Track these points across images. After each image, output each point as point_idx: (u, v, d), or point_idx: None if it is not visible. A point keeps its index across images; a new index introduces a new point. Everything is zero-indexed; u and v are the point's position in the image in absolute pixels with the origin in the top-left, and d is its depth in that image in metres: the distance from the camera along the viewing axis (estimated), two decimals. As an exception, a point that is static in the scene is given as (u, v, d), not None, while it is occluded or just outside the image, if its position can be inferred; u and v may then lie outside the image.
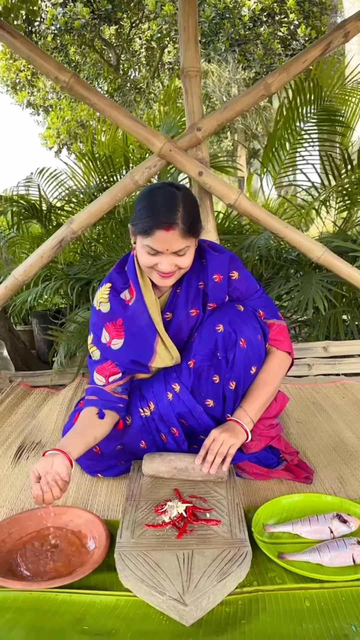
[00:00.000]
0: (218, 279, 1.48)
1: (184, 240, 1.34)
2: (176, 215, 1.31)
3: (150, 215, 1.32)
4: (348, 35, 2.15)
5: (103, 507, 1.47)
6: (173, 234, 1.31)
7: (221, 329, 1.45)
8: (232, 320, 1.45)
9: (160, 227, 1.31)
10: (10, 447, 1.88)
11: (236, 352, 1.45)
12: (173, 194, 1.34)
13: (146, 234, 1.33)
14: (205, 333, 1.47)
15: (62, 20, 8.14)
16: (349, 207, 3.18)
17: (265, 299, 1.57)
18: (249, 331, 1.45)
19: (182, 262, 1.38)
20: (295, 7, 8.00)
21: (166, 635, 1.01)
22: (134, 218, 1.38)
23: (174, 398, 1.52)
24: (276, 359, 1.52)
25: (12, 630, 1.02)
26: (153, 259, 1.36)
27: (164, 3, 7.89)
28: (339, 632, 1.00)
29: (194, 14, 2.26)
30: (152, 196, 1.35)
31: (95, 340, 1.53)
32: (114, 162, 3.23)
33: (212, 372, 1.48)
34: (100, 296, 1.53)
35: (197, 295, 1.50)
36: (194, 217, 1.36)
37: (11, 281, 2.35)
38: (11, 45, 2.15)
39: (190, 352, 1.50)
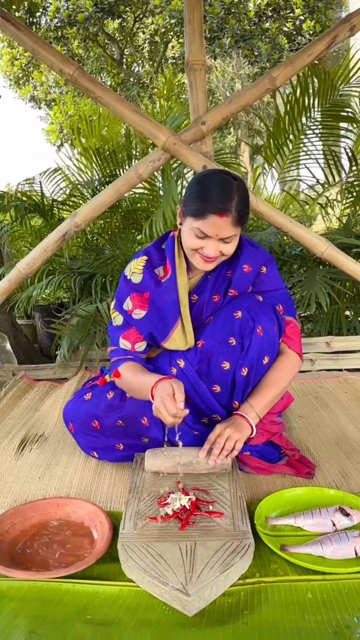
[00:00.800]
0: (247, 269, 1.50)
1: (234, 228, 1.36)
2: (231, 202, 1.32)
3: (205, 199, 1.33)
4: (354, 29, 2.14)
5: (106, 499, 1.48)
6: (225, 221, 1.33)
7: (239, 315, 1.46)
8: (251, 308, 1.46)
9: (214, 211, 1.32)
10: (13, 440, 1.88)
11: (252, 339, 1.45)
12: (229, 182, 1.35)
13: (199, 216, 1.34)
14: (221, 319, 1.49)
15: (65, 13, 8.10)
16: (354, 203, 3.17)
17: (287, 297, 1.58)
18: (266, 321, 1.46)
19: (226, 249, 1.40)
20: (300, 2, 7.95)
21: (169, 625, 1.02)
22: (186, 199, 1.39)
23: (178, 373, 1.52)
24: (288, 360, 1.53)
25: (15, 619, 1.02)
26: (200, 242, 1.38)
27: (170, -3, 7.85)
28: (340, 623, 1.01)
29: (200, 7, 2.25)
30: (209, 181, 1.37)
31: (118, 306, 1.57)
32: (116, 156, 3.22)
33: (222, 358, 1.48)
34: (135, 266, 1.54)
35: (223, 282, 1.53)
36: (246, 207, 1.38)
37: (15, 274, 2.35)
38: (16, 38, 2.14)
39: (202, 334, 1.51)
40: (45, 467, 1.67)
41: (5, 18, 2.09)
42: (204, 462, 1.44)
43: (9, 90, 10.66)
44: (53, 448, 1.79)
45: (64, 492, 1.52)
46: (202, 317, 1.54)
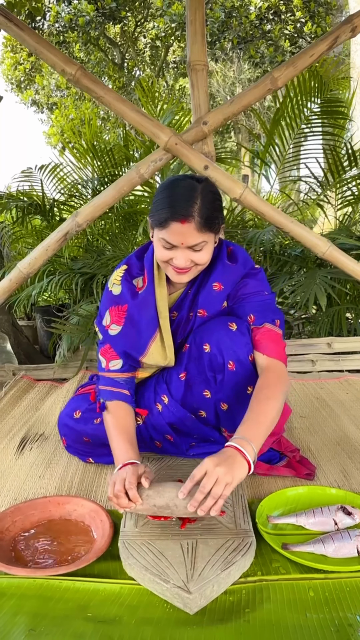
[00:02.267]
0: (218, 288, 1.41)
1: (200, 234, 1.26)
2: (192, 207, 1.24)
3: (166, 207, 1.26)
4: (355, 30, 2.14)
5: (106, 498, 1.47)
6: (188, 227, 1.25)
7: (208, 349, 1.40)
8: (220, 340, 1.38)
9: (175, 219, 1.24)
10: (13, 439, 1.87)
11: (225, 375, 1.39)
12: (192, 186, 1.27)
13: (161, 226, 1.27)
14: (195, 349, 1.43)
15: (66, 17, 8.14)
16: (352, 203, 3.18)
17: (263, 303, 1.42)
18: (239, 352, 1.37)
19: (198, 257, 1.31)
20: (301, 6, 7.99)
21: (170, 623, 1.01)
22: (151, 209, 1.32)
23: (164, 409, 1.51)
24: (272, 374, 1.34)
25: (15, 616, 1.01)
26: (168, 253, 1.30)
27: (172, 1, 7.88)
28: (343, 621, 1.00)
29: (202, 8, 2.25)
30: (171, 188, 1.29)
31: (98, 320, 1.52)
32: (115, 158, 3.23)
33: (202, 387, 1.46)
34: (115, 277, 1.48)
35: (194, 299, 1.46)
36: (213, 210, 1.28)
37: (15, 274, 2.35)
38: (19, 38, 2.15)
39: (182, 365, 1.47)
40: (45, 466, 1.66)
41: (8, 18, 2.10)
42: (183, 507, 1.15)
43: (10, 94, 10.72)
44: (53, 447, 1.78)
45: (65, 490, 1.51)
46: (178, 336, 1.49)
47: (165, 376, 1.53)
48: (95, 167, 3.28)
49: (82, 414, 1.61)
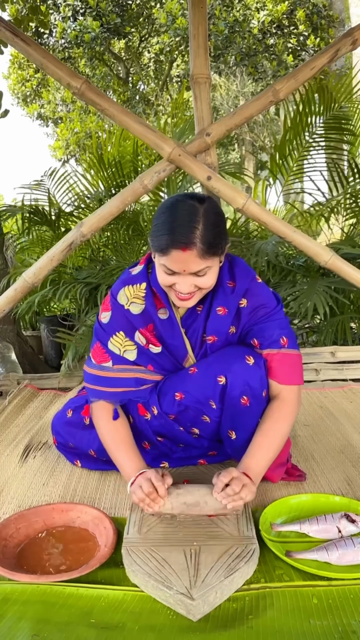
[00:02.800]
0: (222, 312, 1.39)
1: (203, 260, 1.21)
2: (194, 233, 1.18)
3: (166, 233, 1.20)
4: (356, 43, 2.17)
5: (110, 505, 1.47)
6: (190, 254, 1.19)
7: (223, 382, 1.38)
8: (237, 374, 1.36)
9: (176, 246, 1.19)
10: (17, 446, 1.88)
11: (237, 409, 1.38)
12: (193, 209, 1.21)
13: (162, 252, 1.22)
14: (205, 378, 1.40)
15: (72, 34, 8.27)
16: (357, 215, 3.19)
17: (266, 324, 1.40)
18: (254, 387, 1.36)
19: (202, 282, 1.26)
20: (304, 19, 8.10)
21: (173, 630, 1.01)
22: (152, 233, 1.27)
23: (152, 419, 1.51)
24: (284, 407, 1.37)
25: (19, 621, 1.02)
26: (171, 279, 1.26)
27: (175, 16, 8.00)
28: (347, 628, 1.00)
29: (204, 22, 2.29)
30: (171, 211, 1.23)
31: (104, 338, 1.45)
32: (122, 170, 3.27)
33: (201, 414, 1.45)
34: (135, 294, 1.40)
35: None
36: (216, 234, 1.22)
37: (21, 283, 2.37)
38: (25, 53, 2.19)
39: (183, 385, 1.44)
40: (49, 473, 1.67)
41: (14, 33, 2.14)
42: (213, 504, 1.27)
43: (16, 107, 10.88)
44: (57, 455, 1.79)
45: (68, 498, 1.51)
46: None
47: (159, 388, 1.50)
48: (102, 179, 3.31)
49: (73, 412, 1.64)
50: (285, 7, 8.02)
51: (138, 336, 1.43)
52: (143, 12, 8.83)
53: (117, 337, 1.44)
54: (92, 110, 9.96)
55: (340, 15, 8.76)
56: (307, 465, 1.68)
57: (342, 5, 8.90)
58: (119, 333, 1.44)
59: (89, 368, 1.49)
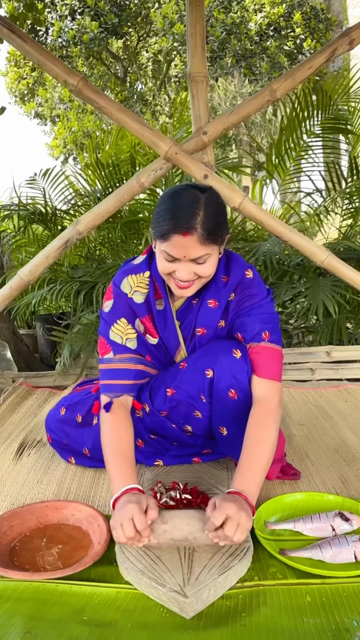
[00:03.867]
0: (213, 305, 1.39)
1: (203, 247, 1.22)
2: (195, 219, 1.19)
3: (168, 219, 1.21)
4: (353, 43, 2.18)
5: (104, 503, 1.47)
6: (191, 240, 1.20)
7: (211, 375, 1.38)
8: (224, 367, 1.36)
9: (177, 231, 1.20)
10: (11, 445, 1.88)
11: (225, 403, 1.38)
12: (195, 197, 1.22)
13: (163, 238, 1.23)
14: (194, 372, 1.41)
15: (70, 33, 8.26)
16: (354, 215, 3.20)
17: (249, 318, 1.38)
18: (242, 380, 1.36)
19: (201, 270, 1.26)
20: (301, 22, 8.11)
21: (166, 627, 1.00)
22: (153, 221, 1.28)
23: (144, 416, 1.50)
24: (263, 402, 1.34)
25: (11, 619, 1.01)
26: (171, 266, 1.26)
27: (172, 21, 8.00)
28: (340, 626, 0.99)
29: (202, 21, 2.30)
30: (173, 198, 1.24)
31: (105, 329, 1.44)
32: (120, 170, 3.26)
33: (193, 409, 1.44)
34: (139, 282, 1.40)
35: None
36: (217, 222, 1.23)
37: (16, 281, 2.37)
38: (22, 50, 2.19)
39: (174, 381, 1.44)
40: (43, 471, 1.66)
41: (11, 30, 2.14)
42: (203, 540, 1.17)
43: (13, 106, 10.85)
44: (51, 453, 1.78)
45: (62, 495, 1.51)
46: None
47: (150, 385, 1.50)
48: (99, 178, 3.30)
49: (66, 410, 1.63)
50: (283, 9, 8.03)
51: (138, 324, 1.44)
52: (141, 12, 8.83)
53: (119, 325, 1.43)
54: (90, 109, 9.95)
55: (338, 16, 8.79)
56: (302, 464, 1.68)
57: (340, 7, 8.93)
58: (121, 320, 1.43)
59: (99, 365, 1.48)
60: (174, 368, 1.46)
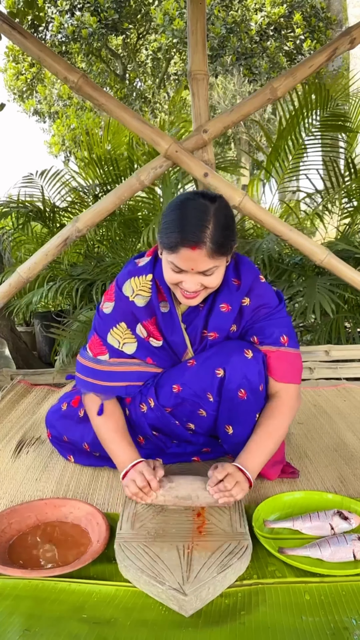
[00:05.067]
0: (225, 309, 1.39)
1: (211, 260, 1.21)
2: (204, 232, 1.18)
3: (176, 231, 1.19)
4: (354, 42, 2.17)
5: (103, 501, 1.47)
6: (199, 254, 1.19)
7: (221, 374, 1.38)
8: (235, 367, 1.36)
9: (185, 245, 1.18)
10: (10, 442, 1.87)
11: (235, 402, 1.38)
12: (204, 208, 1.20)
13: (171, 250, 1.22)
14: (203, 370, 1.40)
15: (69, 29, 8.24)
16: (352, 214, 3.20)
17: (267, 322, 1.40)
18: (252, 380, 1.37)
19: (208, 282, 1.26)
20: (301, 22, 8.10)
21: (165, 625, 1.00)
22: (161, 230, 1.26)
23: (148, 411, 1.50)
24: (283, 405, 1.39)
25: (10, 617, 1.01)
26: (178, 277, 1.26)
27: (172, 17, 7.98)
28: (339, 625, 1.00)
29: (203, 19, 2.29)
30: (181, 209, 1.22)
31: (103, 330, 1.44)
32: (118, 166, 3.25)
33: (198, 407, 1.44)
34: (141, 285, 1.39)
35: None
36: (226, 234, 1.22)
37: (15, 278, 2.36)
38: (22, 46, 2.18)
39: (181, 378, 1.43)
40: (42, 469, 1.66)
41: (11, 26, 2.13)
42: (204, 498, 1.30)
43: (12, 103, 10.81)
44: (50, 451, 1.78)
45: (61, 493, 1.51)
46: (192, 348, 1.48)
47: (156, 380, 1.50)
48: (98, 175, 3.30)
49: (68, 406, 1.64)
50: (283, 9, 8.02)
51: (140, 329, 1.43)
52: (141, 9, 8.81)
53: (118, 329, 1.43)
54: (89, 106, 9.93)
55: (338, 16, 8.78)
56: (300, 463, 1.68)
57: (340, 6, 8.92)
58: (120, 324, 1.43)
59: (83, 359, 1.49)
60: (182, 365, 1.46)
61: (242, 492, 1.26)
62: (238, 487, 1.25)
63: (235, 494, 1.25)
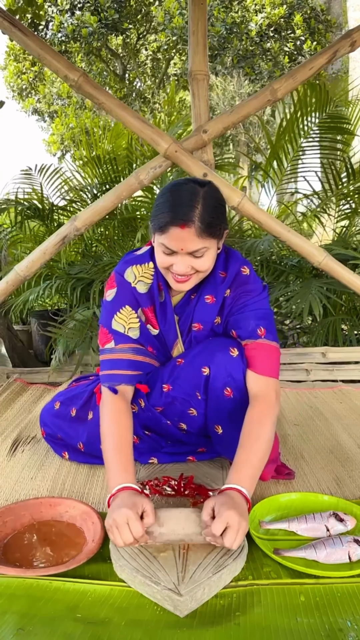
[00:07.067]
0: (210, 300, 1.39)
1: (200, 240, 1.22)
2: (193, 211, 1.20)
3: (166, 211, 1.22)
4: (354, 45, 2.18)
5: (98, 500, 1.47)
6: (188, 232, 1.20)
7: (207, 372, 1.39)
8: (220, 365, 1.36)
9: (175, 224, 1.20)
10: (5, 441, 1.87)
11: (221, 401, 1.38)
12: (194, 190, 1.23)
13: (161, 230, 1.23)
14: (191, 369, 1.41)
15: (69, 28, 8.23)
16: (350, 216, 3.21)
17: (243, 314, 1.38)
18: (238, 379, 1.36)
19: (199, 264, 1.26)
20: (301, 24, 8.12)
21: (160, 625, 1.00)
22: (152, 214, 1.28)
23: (139, 411, 1.50)
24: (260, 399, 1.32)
25: (4, 615, 1.00)
26: (169, 259, 1.26)
27: (173, 15, 8.00)
28: (333, 626, 0.99)
29: (204, 19, 2.29)
30: (172, 192, 1.25)
31: (106, 318, 1.42)
32: (117, 167, 3.25)
33: (188, 406, 1.44)
34: (143, 272, 1.40)
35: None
36: (215, 215, 1.23)
37: (12, 276, 2.35)
38: (23, 43, 2.17)
39: (170, 377, 1.44)
40: (37, 468, 1.66)
41: (12, 23, 2.13)
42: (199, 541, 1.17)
43: (12, 101, 10.79)
44: (46, 449, 1.77)
45: (57, 492, 1.50)
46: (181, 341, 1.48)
47: (146, 380, 1.49)
48: (96, 174, 3.30)
49: (61, 405, 1.63)
50: (283, 10, 8.04)
51: (140, 313, 1.43)
52: (141, 9, 8.81)
53: (123, 312, 1.41)
54: (88, 105, 9.92)
55: (338, 19, 8.81)
56: (296, 464, 1.68)
57: (340, 9, 8.95)
58: (125, 307, 1.42)
59: (100, 355, 1.46)
60: (171, 364, 1.46)
61: (241, 538, 1.09)
62: (239, 538, 1.08)
63: (236, 546, 1.09)
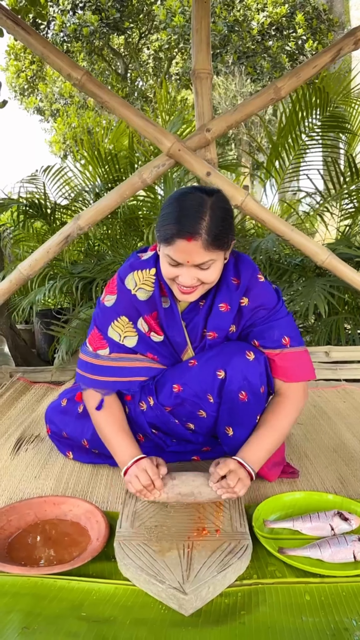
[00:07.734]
0: (224, 309, 1.37)
1: (207, 252, 1.20)
2: (200, 224, 1.17)
3: (172, 223, 1.19)
4: (358, 43, 2.17)
5: (102, 499, 1.46)
6: (195, 245, 1.18)
7: (222, 376, 1.38)
8: (236, 369, 1.36)
9: (181, 236, 1.17)
10: (9, 439, 1.87)
11: (235, 404, 1.38)
12: (201, 201, 1.19)
13: (167, 242, 1.20)
14: (204, 371, 1.40)
15: (71, 27, 8.23)
16: (353, 215, 3.20)
17: (266, 325, 1.39)
18: (253, 383, 1.36)
19: (205, 276, 1.24)
20: (303, 23, 8.11)
21: (165, 624, 1.00)
22: (158, 223, 1.26)
23: (148, 409, 1.49)
24: (288, 404, 1.38)
25: (9, 614, 1.01)
26: (174, 270, 1.24)
27: (174, 14, 7.99)
28: (339, 625, 0.99)
29: (207, 17, 2.29)
30: (179, 202, 1.22)
31: (102, 325, 1.43)
32: (119, 164, 3.25)
33: (198, 408, 1.44)
34: (144, 279, 1.38)
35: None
36: (222, 227, 1.20)
37: (16, 275, 2.35)
38: (26, 42, 2.17)
39: (182, 378, 1.43)
40: (41, 466, 1.66)
41: (15, 22, 2.12)
42: (207, 494, 1.32)
43: (14, 101, 10.80)
44: (49, 448, 1.77)
45: (60, 491, 1.50)
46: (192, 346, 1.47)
47: (156, 379, 1.49)
48: (99, 174, 3.30)
49: (68, 401, 1.64)
50: (285, 9, 8.03)
51: (141, 323, 1.42)
52: (143, 9, 8.80)
53: (119, 322, 1.41)
54: (90, 105, 9.92)
55: (340, 18, 8.79)
56: (300, 464, 1.67)
57: (342, 9, 8.93)
58: (122, 317, 1.41)
59: (83, 355, 1.48)
60: (183, 365, 1.45)
61: (244, 488, 1.27)
62: (241, 484, 1.26)
63: (238, 490, 1.26)
